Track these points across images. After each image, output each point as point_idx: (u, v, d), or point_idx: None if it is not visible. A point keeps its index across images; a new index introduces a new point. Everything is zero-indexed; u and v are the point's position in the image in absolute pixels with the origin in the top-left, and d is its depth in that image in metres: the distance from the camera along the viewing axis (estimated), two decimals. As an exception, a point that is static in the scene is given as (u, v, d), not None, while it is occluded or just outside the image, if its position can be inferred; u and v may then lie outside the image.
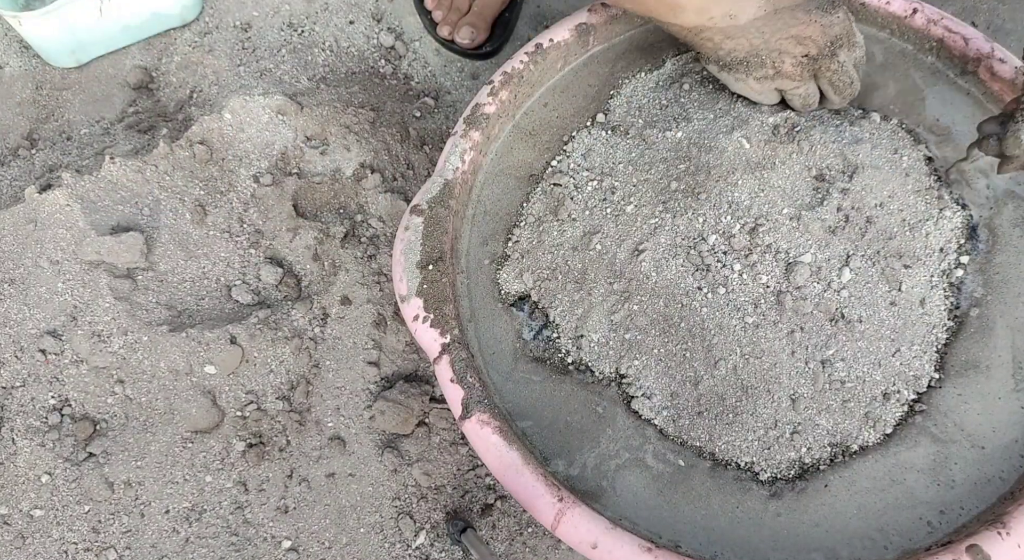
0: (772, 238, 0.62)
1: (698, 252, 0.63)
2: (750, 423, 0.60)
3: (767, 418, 0.60)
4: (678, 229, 0.64)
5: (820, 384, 0.60)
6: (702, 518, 0.58)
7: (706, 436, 0.61)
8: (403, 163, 0.90)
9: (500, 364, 0.65)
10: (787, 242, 0.62)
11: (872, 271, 0.62)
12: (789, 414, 0.60)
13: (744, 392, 0.60)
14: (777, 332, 0.61)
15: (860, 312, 0.61)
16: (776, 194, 0.64)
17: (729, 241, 0.62)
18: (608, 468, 0.60)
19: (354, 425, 0.76)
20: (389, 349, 0.79)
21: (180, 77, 0.97)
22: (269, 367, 0.76)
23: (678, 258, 0.63)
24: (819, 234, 0.63)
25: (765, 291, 0.61)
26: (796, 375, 0.60)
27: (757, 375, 0.60)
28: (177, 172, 0.82)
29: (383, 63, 1.00)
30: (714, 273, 0.62)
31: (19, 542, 0.70)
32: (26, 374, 0.74)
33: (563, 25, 0.76)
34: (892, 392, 0.61)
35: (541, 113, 0.76)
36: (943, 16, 0.74)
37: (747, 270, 0.62)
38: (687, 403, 0.62)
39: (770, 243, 0.62)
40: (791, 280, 0.61)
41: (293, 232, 0.82)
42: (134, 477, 0.73)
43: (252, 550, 0.72)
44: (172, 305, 0.78)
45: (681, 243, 0.64)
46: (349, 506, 0.74)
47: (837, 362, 0.60)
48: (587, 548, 0.52)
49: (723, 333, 0.61)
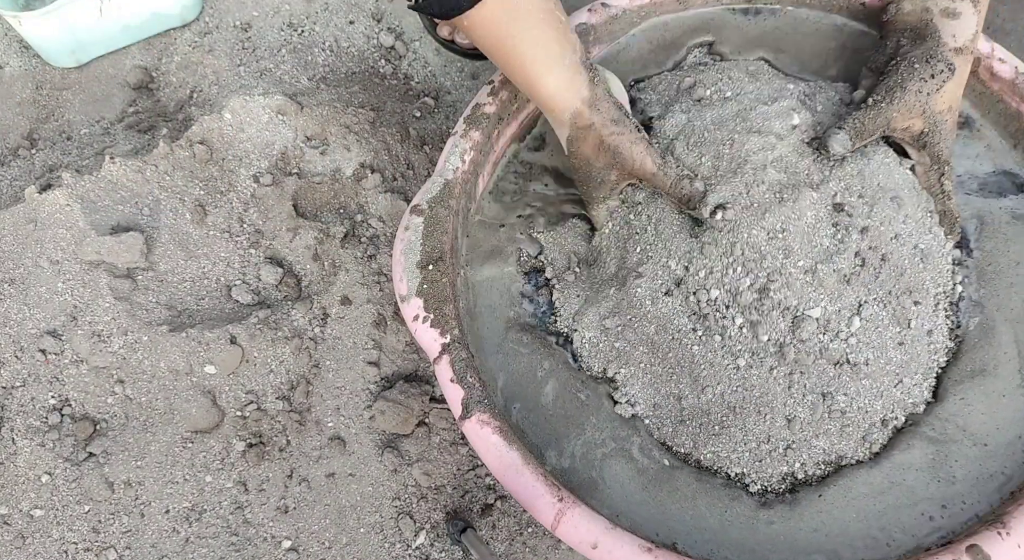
0: (782, 295, 0.58)
1: (697, 300, 0.60)
2: (739, 436, 0.59)
3: (759, 433, 0.59)
4: (680, 272, 0.62)
5: (819, 413, 0.58)
6: (691, 518, 0.58)
7: (690, 443, 0.61)
8: (403, 163, 0.90)
9: (492, 332, 0.66)
10: (797, 299, 0.58)
11: (883, 314, 0.60)
12: (784, 432, 0.59)
13: (732, 411, 0.59)
14: (773, 374, 0.59)
15: (867, 355, 0.58)
16: (794, 239, 0.59)
17: (734, 298, 0.59)
18: (595, 457, 0.60)
19: (354, 425, 0.76)
20: (389, 349, 0.79)
21: (180, 77, 0.97)
22: (269, 367, 0.76)
23: (675, 299, 0.61)
24: (833, 287, 0.59)
25: (766, 343, 0.59)
26: (792, 404, 0.59)
27: (747, 401, 0.59)
28: (177, 172, 0.82)
29: (383, 63, 1.00)
30: (712, 322, 0.60)
31: (19, 542, 0.70)
32: (26, 374, 0.74)
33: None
34: (891, 419, 0.60)
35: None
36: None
37: (748, 326, 0.59)
38: (669, 413, 0.61)
39: (779, 300, 0.58)
40: (796, 334, 0.58)
41: (293, 232, 0.82)
42: (134, 477, 0.73)
43: (252, 550, 0.72)
44: (172, 305, 0.78)
45: (680, 288, 0.62)
46: (349, 506, 0.74)
47: (839, 396, 0.59)
48: (587, 548, 0.52)
49: (713, 369, 0.60)
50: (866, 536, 0.56)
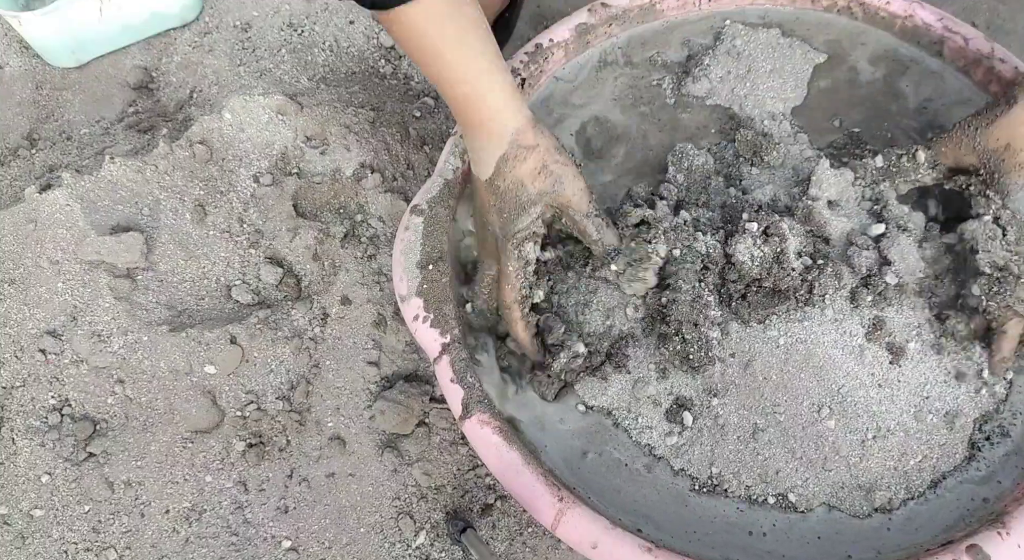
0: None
1: (675, 415, 0.61)
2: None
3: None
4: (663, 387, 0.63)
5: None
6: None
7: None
8: (403, 163, 0.90)
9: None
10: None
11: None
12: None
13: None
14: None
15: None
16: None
17: (715, 420, 0.61)
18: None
19: (354, 425, 0.76)
20: (389, 349, 0.79)
21: (180, 77, 0.97)
22: (269, 367, 0.76)
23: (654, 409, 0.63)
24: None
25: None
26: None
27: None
28: (177, 172, 0.82)
29: (383, 63, 1.00)
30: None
31: (19, 542, 0.70)
32: (26, 374, 0.74)
33: (563, 25, 0.76)
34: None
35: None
36: (943, 16, 0.74)
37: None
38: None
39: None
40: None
41: (293, 232, 0.82)
42: (134, 477, 0.73)
43: (252, 550, 0.72)
44: (172, 305, 0.78)
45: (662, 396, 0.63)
46: (349, 506, 0.74)
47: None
48: (587, 548, 0.52)
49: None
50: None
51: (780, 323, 0.61)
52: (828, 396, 0.59)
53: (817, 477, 0.58)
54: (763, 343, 0.60)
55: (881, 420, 0.59)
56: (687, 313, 0.58)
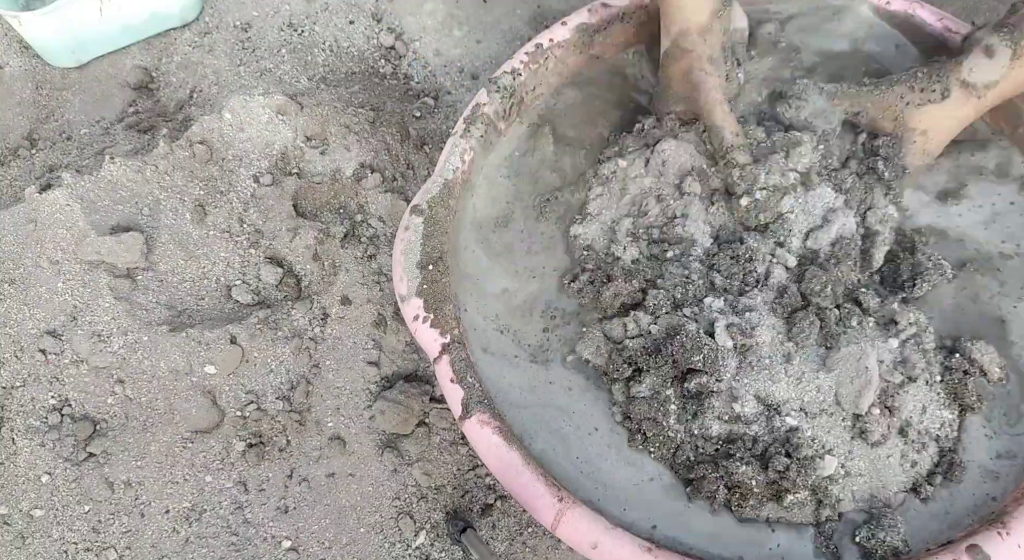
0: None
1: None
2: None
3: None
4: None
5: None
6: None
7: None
8: (403, 163, 0.90)
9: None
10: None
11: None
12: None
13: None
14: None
15: None
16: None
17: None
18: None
19: (354, 425, 0.76)
20: (389, 349, 0.79)
21: (180, 77, 0.97)
22: (269, 367, 0.76)
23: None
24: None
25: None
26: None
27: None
28: (177, 172, 0.82)
29: (383, 63, 1.00)
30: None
31: (19, 542, 0.70)
32: (26, 374, 0.74)
33: (563, 25, 0.76)
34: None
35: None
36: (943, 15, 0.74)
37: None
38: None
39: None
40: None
41: (293, 232, 0.82)
42: (134, 477, 0.73)
43: (252, 550, 0.72)
44: (172, 305, 0.78)
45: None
46: (349, 506, 0.74)
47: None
48: (587, 548, 0.52)
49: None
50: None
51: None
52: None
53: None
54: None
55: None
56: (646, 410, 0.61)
